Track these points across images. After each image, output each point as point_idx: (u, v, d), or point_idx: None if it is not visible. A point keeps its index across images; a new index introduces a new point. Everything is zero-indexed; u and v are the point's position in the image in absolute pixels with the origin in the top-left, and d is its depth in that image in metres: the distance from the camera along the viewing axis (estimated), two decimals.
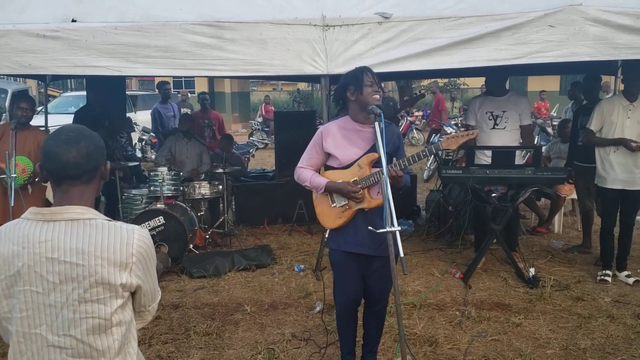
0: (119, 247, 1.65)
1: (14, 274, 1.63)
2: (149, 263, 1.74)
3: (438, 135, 12.89)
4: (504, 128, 5.49)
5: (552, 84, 20.90)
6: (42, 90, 8.70)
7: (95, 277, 1.62)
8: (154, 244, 5.63)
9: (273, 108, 19.65)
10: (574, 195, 6.59)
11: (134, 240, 1.68)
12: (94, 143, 1.73)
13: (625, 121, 4.94)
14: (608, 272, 5.17)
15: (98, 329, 1.65)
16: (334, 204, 3.27)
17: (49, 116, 7.67)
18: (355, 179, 3.19)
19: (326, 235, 3.37)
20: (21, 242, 1.63)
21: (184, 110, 12.04)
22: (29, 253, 1.62)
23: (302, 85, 27.92)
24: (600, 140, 5.08)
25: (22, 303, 1.63)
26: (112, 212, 6.71)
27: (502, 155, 5.20)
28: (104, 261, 1.63)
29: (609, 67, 6.50)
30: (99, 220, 1.68)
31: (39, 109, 9.73)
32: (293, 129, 7.72)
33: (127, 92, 12.42)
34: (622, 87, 5.34)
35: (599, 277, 5.18)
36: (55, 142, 1.68)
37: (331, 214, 3.29)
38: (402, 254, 2.73)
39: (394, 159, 3.19)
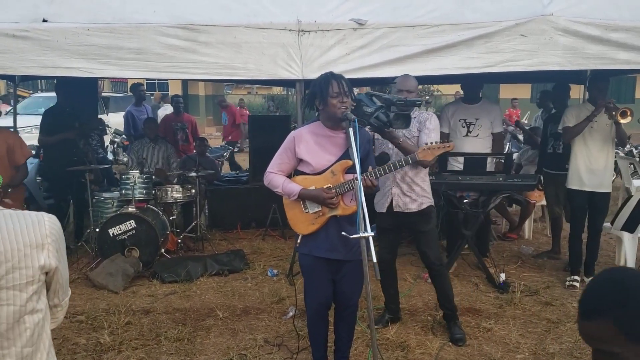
0: (32, 229, 1.66)
1: None
2: (62, 246, 1.75)
3: None
4: (477, 135, 5.56)
5: (523, 92, 21.25)
6: (12, 90, 8.54)
7: (12, 263, 1.61)
8: (125, 248, 5.64)
9: (247, 112, 19.56)
10: (544, 202, 6.70)
11: (45, 223, 1.69)
12: None
13: (592, 126, 5.05)
14: (576, 277, 5.27)
15: (12, 316, 1.63)
16: (307, 210, 3.27)
17: (18, 117, 7.52)
18: (329, 185, 3.19)
19: (298, 241, 3.37)
20: None
21: (163, 111, 11.80)
22: None
23: (277, 90, 27.85)
24: (579, 125, 5.05)
25: None
26: (82, 215, 6.61)
27: (474, 161, 5.26)
28: (20, 245, 1.62)
29: (578, 76, 6.64)
30: (5, 210, 1.69)
31: (8, 109, 9.54)
32: (267, 133, 7.70)
33: (102, 94, 12.25)
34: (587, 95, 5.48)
35: (567, 283, 5.27)
36: None
37: (304, 220, 3.29)
38: (374, 259, 2.75)
39: (370, 167, 3.21)
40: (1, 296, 1.60)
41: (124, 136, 12.07)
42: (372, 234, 2.82)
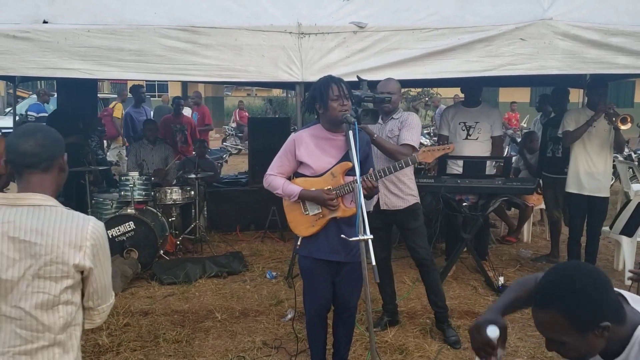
0: (74, 230, 1.83)
1: None
2: (101, 252, 1.89)
3: None
4: (477, 139, 5.56)
5: (522, 95, 21.31)
6: (11, 91, 8.54)
7: (51, 256, 1.79)
8: (124, 249, 5.63)
9: (247, 114, 19.58)
10: (543, 206, 6.71)
11: (88, 227, 1.86)
12: (50, 136, 1.92)
13: (591, 130, 5.07)
14: None
15: (46, 304, 1.80)
16: (307, 212, 3.27)
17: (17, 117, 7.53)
18: (329, 187, 3.19)
19: (298, 243, 3.37)
20: None
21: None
22: None
23: (277, 92, 27.87)
24: (579, 130, 5.08)
25: None
26: None
27: (473, 165, 5.27)
28: (60, 242, 1.80)
29: (577, 80, 6.65)
30: (59, 207, 1.86)
31: (7, 109, 9.55)
32: (267, 135, 7.70)
33: (98, 95, 12.24)
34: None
35: None
36: (15, 135, 1.91)
37: (304, 222, 3.29)
38: (374, 262, 2.75)
39: (371, 169, 3.23)
40: (39, 284, 1.79)
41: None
42: (372, 236, 2.82)
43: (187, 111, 12.25)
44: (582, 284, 1.53)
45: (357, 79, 3.98)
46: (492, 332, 1.78)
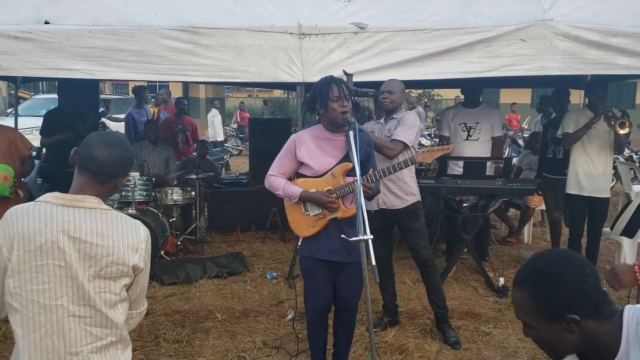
0: (131, 233, 1.92)
1: (34, 249, 1.81)
2: (147, 255, 1.98)
3: None
4: (477, 139, 5.57)
5: (523, 96, 21.30)
6: (13, 92, 8.55)
7: (112, 258, 1.86)
8: None
9: (248, 115, 19.58)
10: (543, 206, 6.71)
11: (141, 230, 1.96)
12: (125, 155, 1.98)
13: (591, 131, 5.07)
14: None
15: (109, 302, 1.87)
16: (307, 213, 3.28)
17: (19, 118, 7.53)
18: (329, 188, 3.20)
19: (299, 243, 3.38)
20: (43, 220, 1.82)
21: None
22: (52, 230, 1.82)
23: (278, 93, 27.89)
24: (579, 132, 5.08)
25: (44, 276, 1.81)
26: None
27: (474, 165, 5.28)
28: (120, 244, 1.88)
29: (578, 81, 6.66)
30: (113, 211, 1.94)
31: (9, 110, 9.55)
32: (268, 136, 7.71)
33: (100, 96, 12.23)
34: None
35: None
36: (98, 136, 1.97)
37: (305, 223, 3.30)
38: (374, 262, 2.76)
39: (371, 170, 3.23)
40: (100, 284, 1.86)
41: None
42: (372, 237, 2.82)
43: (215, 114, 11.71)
44: (558, 270, 1.48)
45: (352, 77, 4.00)
46: None
